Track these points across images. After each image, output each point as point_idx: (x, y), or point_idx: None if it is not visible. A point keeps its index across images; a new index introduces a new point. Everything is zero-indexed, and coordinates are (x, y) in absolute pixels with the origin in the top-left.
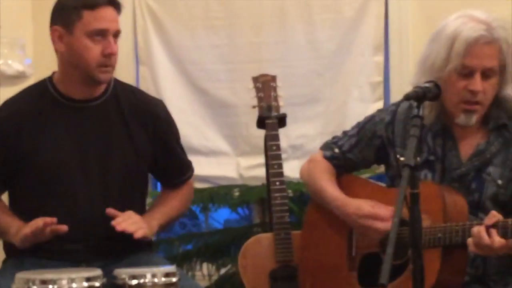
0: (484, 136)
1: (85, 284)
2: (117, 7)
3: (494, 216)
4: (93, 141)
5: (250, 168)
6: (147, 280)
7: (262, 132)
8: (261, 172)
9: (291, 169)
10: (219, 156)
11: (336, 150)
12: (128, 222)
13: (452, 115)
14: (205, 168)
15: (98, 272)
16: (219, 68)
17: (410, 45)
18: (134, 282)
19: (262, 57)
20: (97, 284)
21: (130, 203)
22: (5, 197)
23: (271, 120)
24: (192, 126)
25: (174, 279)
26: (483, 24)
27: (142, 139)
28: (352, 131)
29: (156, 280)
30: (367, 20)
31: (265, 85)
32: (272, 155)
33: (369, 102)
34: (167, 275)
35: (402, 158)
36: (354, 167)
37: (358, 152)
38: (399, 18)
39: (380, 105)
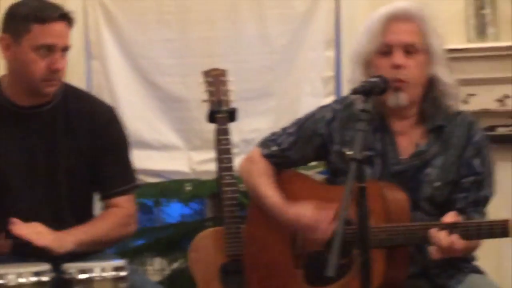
0: (423, 135)
1: (33, 278)
2: (70, 22)
3: (453, 216)
4: (41, 147)
5: (202, 162)
6: (95, 274)
7: (214, 127)
8: (214, 166)
9: None
10: (171, 151)
11: (274, 148)
12: (29, 230)
13: (385, 100)
14: (157, 162)
15: (46, 266)
16: (171, 63)
17: None
18: (83, 276)
19: (214, 52)
20: (45, 279)
21: (76, 208)
22: None
23: (221, 114)
24: (144, 121)
25: (123, 273)
26: (401, 6)
27: (88, 146)
28: (291, 129)
29: (105, 274)
30: (318, 15)
31: (215, 80)
32: (223, 149)
33: (321, 96)
34: (116, 269)
35: (349, 152)
36: (292, 164)
37: (297, 150)
38: (350, 13)
39: (331, 99)
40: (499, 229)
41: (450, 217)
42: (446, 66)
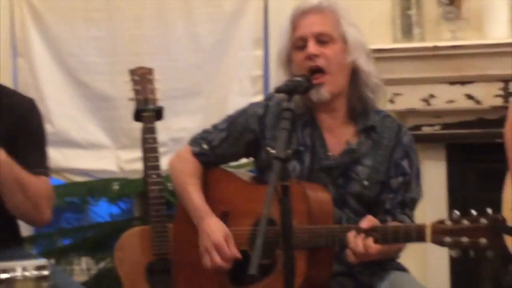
0: (354, 134)
1: None
2: None
3: (370, 221)
4: None
5: (130, 161)
6: (17, 274)
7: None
8: (142, 165)
9: None
10: (99, 149)
11: (205, 146)
12: None
13: (309, 96)
14: (85, 161)
15: None
16: (98, 61)
17: None
18: (4, 276)
19: (142, 50)
20: None
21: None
22: None
23: (147, 113)
24: (72, 119)
25: (45, 272)
26: (311, 2)
27: (7, 136)
28: (222, 125)
29: (27, 273)
30: (247, 15)
31: (142, 78)
32: (149, 148)
33: (249, 95)
34: (38, 268)
35: (272, 151)
36: (223, 161)
37: (228, 147)
38: (278, 12)
39: (260, 98)
40: (415, 234)
41: (367, 222)
42: (367, 56)
